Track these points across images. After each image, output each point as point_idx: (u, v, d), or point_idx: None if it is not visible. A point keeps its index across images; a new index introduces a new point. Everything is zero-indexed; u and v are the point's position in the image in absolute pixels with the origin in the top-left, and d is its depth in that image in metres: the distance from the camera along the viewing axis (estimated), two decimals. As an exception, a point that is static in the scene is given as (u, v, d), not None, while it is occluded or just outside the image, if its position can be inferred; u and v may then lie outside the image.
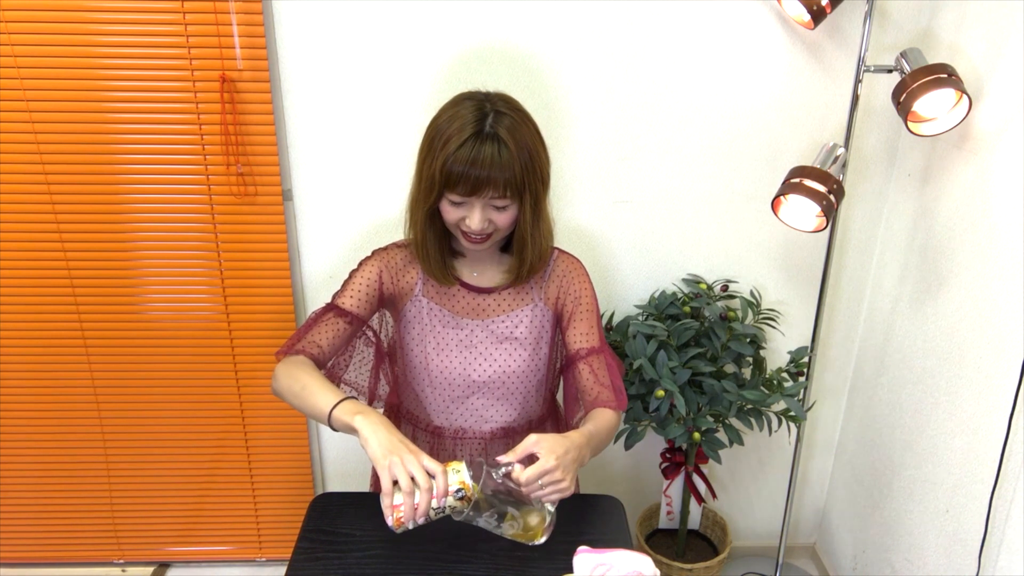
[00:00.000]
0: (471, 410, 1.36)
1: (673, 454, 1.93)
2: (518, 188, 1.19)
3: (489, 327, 1.33)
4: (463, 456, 1.39)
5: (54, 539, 2.16)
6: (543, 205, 1.28)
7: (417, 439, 1.42)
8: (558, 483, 1.11)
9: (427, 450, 1.41)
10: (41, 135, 1.73)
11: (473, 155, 1.15)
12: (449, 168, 1.17)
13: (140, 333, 1.92)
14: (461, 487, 1.09)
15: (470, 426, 1.37)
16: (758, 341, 1.81)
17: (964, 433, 1.55)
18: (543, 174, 1.25)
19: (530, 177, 1.20)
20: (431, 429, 1.39)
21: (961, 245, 1.57)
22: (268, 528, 2.17)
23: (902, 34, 1.71)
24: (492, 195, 1.18)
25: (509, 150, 1.17)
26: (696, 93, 1.76)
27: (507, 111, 1.21)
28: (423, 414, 1.39)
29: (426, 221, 1.27)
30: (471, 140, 1.16)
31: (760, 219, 1.88)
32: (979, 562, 1.48)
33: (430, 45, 1.70)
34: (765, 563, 2.19)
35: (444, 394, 1.35)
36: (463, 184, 1.17)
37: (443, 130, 1.19)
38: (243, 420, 2.03)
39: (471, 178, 1.16)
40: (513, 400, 1.36)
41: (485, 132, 1.17)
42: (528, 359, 1.34)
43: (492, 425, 1.37)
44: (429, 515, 1.08)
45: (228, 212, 1.81)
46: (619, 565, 1.10)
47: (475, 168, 1.15)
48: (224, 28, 1.65)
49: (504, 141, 1.17)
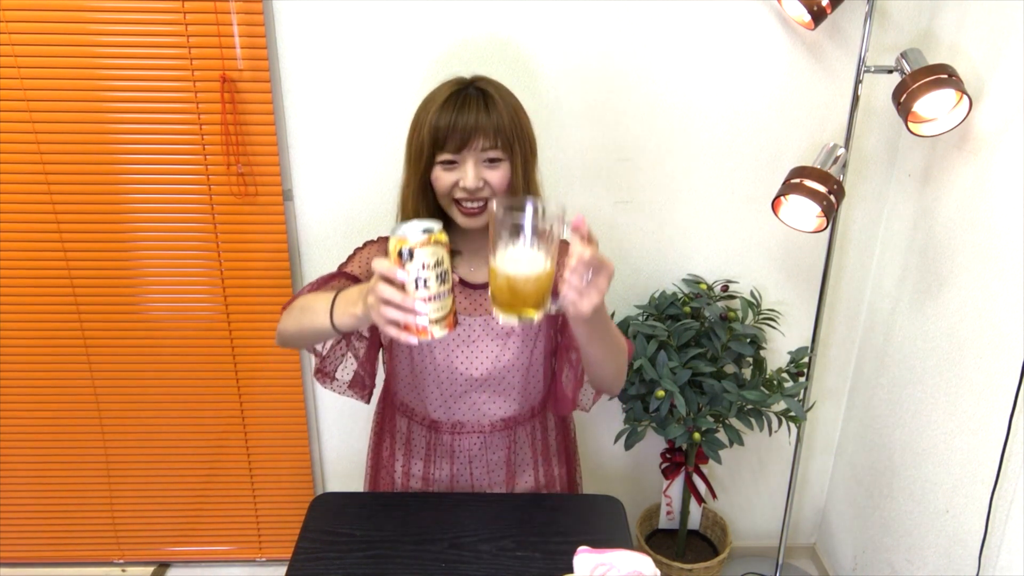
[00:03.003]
0: (469, 405, 1.36)
1: (673, 454, 1.93)
2: (508, 139, 1.20)
3: (488, 323, 1.33)
4: (461, 450, 1.39)
5: (54, 539, 2.16)
6: (533, 175, 1.28)
7: (412, 433, 1.42)
8: (584, 287, 0.98)
9: (423, 444, 1.41)
10: (41, 135, 1.73)
11: (458, 108, 1.17)
12: (435, 125, 1.18)
13: (140, 333, 1.92)
14: (425, 237, 0.94)
15: (468, 419, 1.37)
16: (758, 341, 1.81)
17: (964, 433, 1.55)
18: (530, 139, 1.26)
19: (518, 131, 1.21)
20: (428, 423, 1.39)
21: (961, 245, 1.57)
22: (268, 528, 2.17)
23: (902, 34, 1.71)
24: (483, 145, 1.18)
25: (494, 101, 1.19)
26: (696, 93, 1.76)
27: (488, 78, 1.25)
28: (420, 408, 1.39)
29: (419, 197, 1.25)
30: (455, 96, 1.19)
31: (760, 219, 1.88)
32: (979, 562, 1.48)
33: (430, 45, 1.70)
34: (765, 563, 2.19)
35: (443, 390, 1.35)
36: (452, 138, 1.17)
37: (427, 101, 1.23)
38: (243, 420, 2.03)
39: (459, 129, 1.17)
40: (512, 393, 1.36)
41: (468, 91, 1.21)
42: (526, 353, 1.34)
43: (491, 418, 1.37)
44: (430, 296, 0.94)
45: (228, 212, 1.81)
46: (619, 565, 1.10)
47: (462, 117, 1.17)
48: (224, 28, 1.65)
49: (488, 93, 1.20)
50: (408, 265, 0.94)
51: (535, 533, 1.25)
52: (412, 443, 1.42)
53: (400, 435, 1.44)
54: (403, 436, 1.43)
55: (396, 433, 1.45)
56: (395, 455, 1.45)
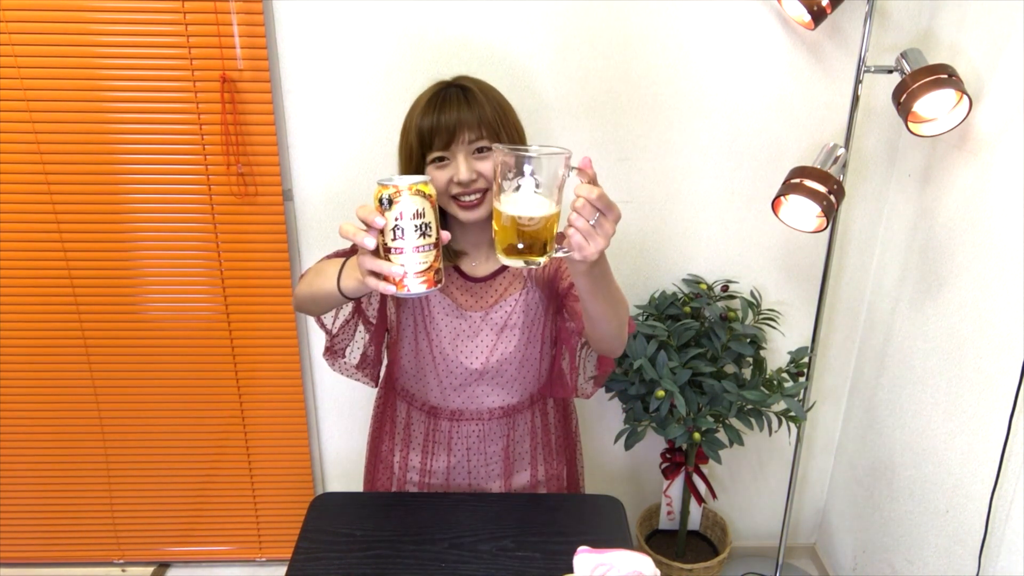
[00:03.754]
0: (470, 394, 1.37)
1: (673, 454, 1.93)
2: (493, 127, 1.21)
3: (489, 316, 1.33)
4: (459, 439, 1.40)
5: (54, 539, 2.16)
6: None
7: (412, 419, 1.42)
8: (591, 230, 0.95)
9: (423, 430, 1.41)
10: (41, 135, 1.73)
11: (440, 106, 1.20)
12: (420, 126, 1.21)
13: (140, 333, 1.92)
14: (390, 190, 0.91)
15: (467, 407, 1.38)
16: (758, 341, 1.81)
17: (964, 433, 1.55)
18: (518, 129, 1.27)
19: (503, 120, 1.23)
20: (427, 409, 1.40)
21: (961, 245, 1.57)
22: (268, 528, 2.17)
23: (902, 34, 1.71)
24: (470, 139, 1.20)
25: (474, 94, 1.21)
26: (696, 93, 1.76)
27: (468, 76, 1.28)
28: (421, 395, 1.40)
29: None
30: (436, 95, 1.22)
31: (760, 219, 1.88)
32: (979, 562, 1.48)
33: (430, 45, 1.70)
34: (765, 563, 2.19)
35: (445, 382, 1.36)
36: (438, 136, 1.19)
37: (411, 107, 1.26)
38: (243, 420, 2.03)
39: (443, 126, 1.19)
40: (513, 383, 1.37)
41: (449, 89, 1.23)
42: (525, 344, 1.34)
43: (490, 406, 1.38)
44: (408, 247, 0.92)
45: (228, 212, 1.81)
46: (619, 565, 1.10)
47: (444, 115, 1.19)
48: (224, 28, 1.65)
49: (468, 89, 1.22)
50: (387, 213, 0.93)
51: (535, 533, 1.25)
52: (411, 430, 1.43)
53: (400, 421, 1.45)
54: (402, 422, 1.44)
55: (396, 419, 1.45)
56: (394, 447, 1.45)
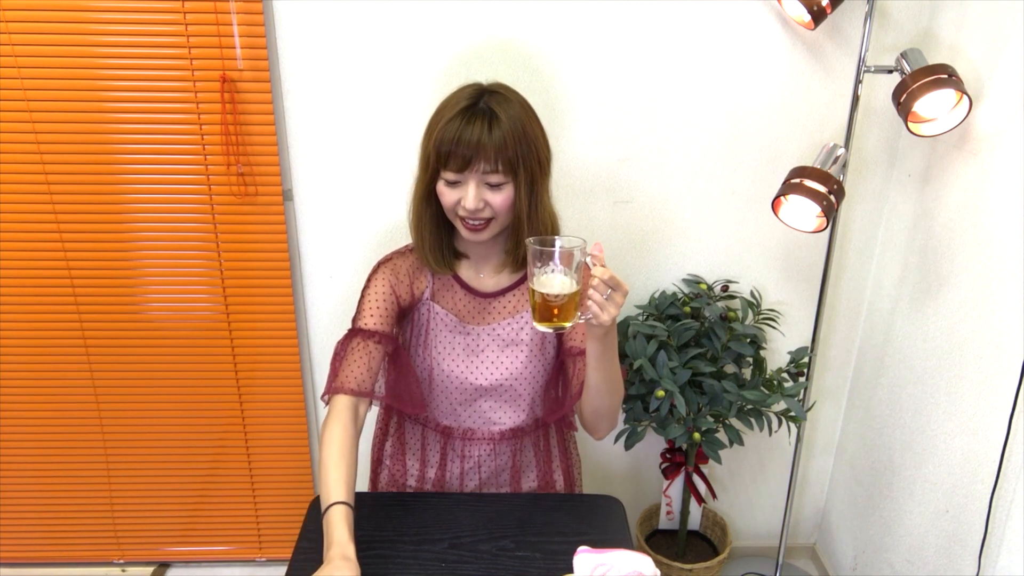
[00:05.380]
0: (478, 412, 1.36)
1: (673, 454, 1.93)
2: (511, 163, 1.19)
3: (495, 331, 1.33)
4: (471, 456, 1.39)
5: (54, 539, 2.16)
6: (541, 190, 1.26)
7: (427, 439, 1.42)
8: (604, 301, 1.11)
9: (437, 449, 1.40)
10: (41, 135, 1.73)
11: (462, 127, 1.17)
12: (439, 141, 1.19)
13: (140, 333, 1.92)
14: None
15: (478, 427, 1.37)
16: (758, 341, 1.81)
17: (964, 433, 1.55)
18: (540, 156, 1.24)
19: (524, 152, 1.20)
20: (440, 429, 1.39)
21: (961, 245, 1.57)
22: (268, 528, 2.17)
23: (902, 34, 1.71)
24: (484, 169, 1.18)
25: (500, 122, 1.18)
26: (696, 93, 1.76)
27: (501, 91, 1.24)
28: (430, 415, 1.39)
29: (423, 202, 1.27)
30: (462, 113, 1.19)
31: (760, 219, 1.88)
32: (979, 562, 1.48)
33: (430, 45, 1.70)
34: (765, 563, 2.19)
35: (451, 398, 1.35)
36: (454, 159, 1.18)
37: (440, 109, 1.23)
38: (243, 420, 2.03)
39: (460, 151, 1.17)
40: (520, 402, 1.36)
41: (478, 107, 1.20)
42: (533, 362, 1.34)
43: (500, 427, 1.37)
44: None
45: (228, 212, 1.81)
46: (619, 565, 1.10)
47: (465, 135, 1.17)
48: (224, 28, 1.65)
49: (495, 114, 1.19)
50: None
51: (535, 533, 1.25)
52: (427, 449, 1.42)
53: (414, 440, 1.44)
54: (418, 441, 1.43)
55: (406, 437, 1.45)
56: (405, 460, 1.45)
